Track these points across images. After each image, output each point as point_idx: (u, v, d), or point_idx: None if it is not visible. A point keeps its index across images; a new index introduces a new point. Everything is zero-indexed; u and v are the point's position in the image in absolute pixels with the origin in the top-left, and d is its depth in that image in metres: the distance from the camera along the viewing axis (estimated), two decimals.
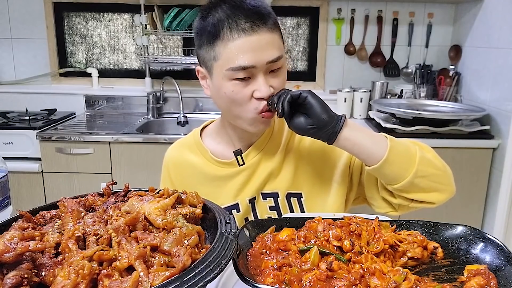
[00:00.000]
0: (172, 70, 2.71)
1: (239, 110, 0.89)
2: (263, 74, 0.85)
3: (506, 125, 2.03)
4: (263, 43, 0.84)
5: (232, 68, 0.84)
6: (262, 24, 0.84)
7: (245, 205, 1.00)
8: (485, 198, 2.15)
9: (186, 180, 1.04)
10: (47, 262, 0.52)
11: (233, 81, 0.85)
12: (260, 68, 0.85)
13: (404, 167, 0.82)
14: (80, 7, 2.63)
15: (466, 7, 2.45)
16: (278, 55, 0.86)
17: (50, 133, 2.14)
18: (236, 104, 0.88)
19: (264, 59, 0.84)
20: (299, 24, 2.66)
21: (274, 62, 0.86)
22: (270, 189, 1.00)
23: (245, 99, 0.87)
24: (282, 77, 0.89)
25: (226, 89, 0.87)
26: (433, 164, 0.86)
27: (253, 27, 0.83)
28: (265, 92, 0.85)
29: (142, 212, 0.60)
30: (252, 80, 0.86)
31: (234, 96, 0.87)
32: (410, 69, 2.62)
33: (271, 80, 0.87)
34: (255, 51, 0.83)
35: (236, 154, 0.98)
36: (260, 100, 0.86)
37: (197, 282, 0.46)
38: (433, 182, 0.85)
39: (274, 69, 0.87)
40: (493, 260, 0.63)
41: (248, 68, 0.84)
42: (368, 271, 0.59)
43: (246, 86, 0.86)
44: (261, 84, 0.85)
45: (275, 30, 0.87)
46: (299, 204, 1.00)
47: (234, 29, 0.83)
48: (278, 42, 0.88)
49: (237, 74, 0.84)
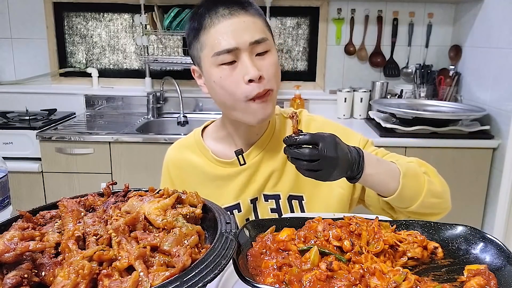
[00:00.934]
0: (172, 70, 2.71)
1: (231, 99, 0.88)
2: (249, 55, 0.86)
3: (506, 125, 2.03)
4: (243, 25, 0.86)
5: (217, 52, 0.85)
6: (241, 9, 0.86)
7: (246, 205, 1.00)
8: (485, 198, 2.15)
9: (187, 180, 1.03)
10: (47, 262, 0.52)
11: (220, 66, 0.86)
12: (244, 50, 0.85)
13: (411, 200, 0.87)
14: (80, 7, 2.63)
15: (466, 7, 2.45)
16: (262, 36, 0.86)
17: (50, 133, 2.14)
18: (227, 93, 0.88)
19: (247, 40, 0.85)
20: (299, 24, 2.66)
21: (258, 43, 0.86)
22: (272, 190, 1.00)
23: (234, 84, 0.86)
24: (270, 60, 0.89)
25: (215, 77, 0.88)
26: (437, 194, 0.90)
27: (232, 12, 0.86)
28: (253, 73, 0.84)
29: (142, 212, 0.60)
30: (238, 64, 0.86)
31: (223, 82, 0.87)
32: (410, 69, 2.62)
33: (259, 63, 0.87)
34: (236, 32, 0.85)
35: (237, 154, 0.98)
36: (250, 83, 0.86)
37: (197, 282, 0.46)
38: (433, 209, 0.91)
39: (261, 53, 0.87)
40: (493, 260, 0.63)
41: (232, 50, 0.85)
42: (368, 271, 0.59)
43: (233, 70, 0.86)
44: (248, 65, 0.85)
45: (256, 16, 0.88)
46: (300, 206, 1.00)
47: (213, 16, 0.86)
48: (261, 26, 0.88)
49: (223, 58, 0.85)
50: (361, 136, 1.03)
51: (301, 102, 2.51)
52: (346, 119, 2.54)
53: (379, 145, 1.08)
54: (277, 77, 0.91)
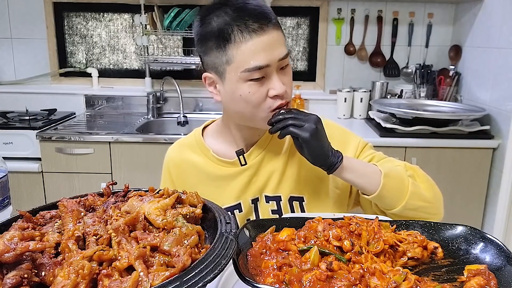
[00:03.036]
0: (172, 70, 2.71)
1: (255, 111, 0.89)
2: (276, 71, 0.87)
3: (506, 125, 2.03)
4: (272, 42, 0.86)
5: (248, 69, 0.84)
6: (268, 23, 0.85)
7: (247, 205, 1.00)
8: (485, 198, 2.15)
9: (188, 180, 1.03)
10: (47, 262, 0.52)
11: (249, 82, 0.86)
12: (273, 66, 0.86)
13: (394, 201, 0.89)
14: (80, 7, 2.63)
15: (466, 7, 2.45)
16: (287, 51, 0.89)
17: (50, 133, 2.14)
18: (251, 106, 0.88)
19: (276, 57, 0.86)
20: (299, 24, 2.66)
21: (284, 59, 0.88)
22: (273, 192, 1.00)
23: (261, 99, 0.88)
24: (290, 73, 0.92)
25: (242, 91, 0.87)
26: (423, 197, 0.91)
27: (262, 27, 0.84)
28: (280, 89, 0.87)
29: (142, 212, 0.60)
30: (266, 79, 0.87)
31: (250, 97, 0.87)
32: (410, 69, 2.62)
33: (283, 78, 0.89)
34: (267, 50, 0.85)
35: (238, 154, 0.98)
36: (275, 98, 0.88)
37: (197, 282, 0.46)
38: (421, 213, 0.91)
39: (283, 66, 0.89)
40: (493, 260, 0.63)
41: (263, 67, 0.85)
42: (368, 271, 0.59)
43: (261, 86, 0.87)
44: (275, 82, 0.87)
45: (279, 28, 0.89)
46: (301, 207, 1.00)
47: (244, 31, 0.84)
48: (284, 39, 0.90)
49: (253, 74, 0.85)
50: (361, 139, 1.04)
51: (301, 102, 2.51)
52: (346, 119, 2.54)
53: (379, 145, 1.08)
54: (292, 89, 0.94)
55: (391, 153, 1.03)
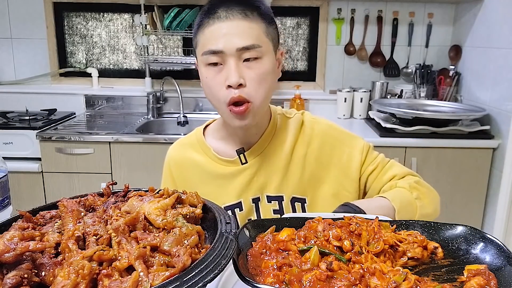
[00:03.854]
0: (172, 70, 2.71)
1: (215, 100, 0.90)
2: (235, 61, 0.85)
3: (506, 125, 2.03)
4: (235, 30, 0.85)
5: (204, 52, 0.87)
6: (240, 14, 0.86)
7: (248, 204, 1.00)
8: (485, 198, 2.15)
9: (189, 179, 1.03)
10: (47, 262, 0.52)
11: (208, 66, 0.88)
12: (230, 54, 0.85)
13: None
14: (80, 7, 2.63)
15: (466, 7, 2.45)
16: (252, 43, 0.85)
17: (50, 133, 2.14)
18: (211, 93, 0.90)
19: (234, 45, 0.84)
20: (299, 24, 2.66)
21: (247, 50, 0.85)
22: (275, 191, 0.99)
23: (217, 87, 0.87)
24: (258, 70, 0.87)
25: (202, 76, 0.90)
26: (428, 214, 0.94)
27: (228, 15, 0.86)
28: (232, 79, 0.84)
29: (142, 212, 0.59)
30: (224, 67, 0.86)
31: (208, 82, 0.89)
32: (410, 69, 2.62)
33: (245, 71, 0.86)
34: (225, 37, 0.85)
35: (238, 153, 0.98)
36: (229, 88, 0.86)
37: (197, 282, 0.46)
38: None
39: (250, 59, 0.86)
40: (493, 260, 0.63)
41: (217, 52, 0.85)
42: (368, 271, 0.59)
43: (218, 73, 0.87)
44: (229, 70, 0.85)
45: (258, 22, 0.87)
46: (303, 209, 1.00)
47: (211, 18, 0.87)
48: (258, 32, 0.87)
49: (209, 58, 0.87)
50: (364, 142, 1.04)
51: (301, 102, 2.51)
52: (346, 119, 2.54)
53: (379, 145, 1.09)
54: (263, 89, 0.88)
55: (391, 153, 1.03)
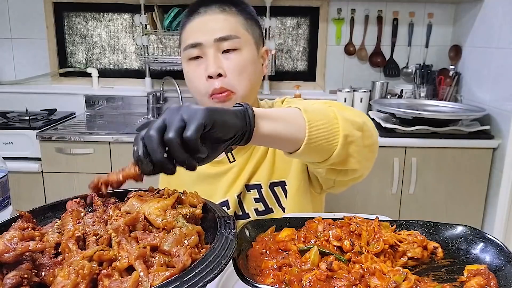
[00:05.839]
0: (172, 70, 2.71)
1: (197, 93, 0.92)
2: (214, 52, 0.88)
3: (506, 125, 2.03)
4: (212, 23, 0.88)
5: (185, 47, 0.89)
6: (217, 8, 0.89)
7: (233, 201, 1.00)
8: (485, 198, 2.15)
9: (183, 179, 1.05)
10: (47, 262, 0.52)
11: (189, 61, 0.90)
12: (208, 46, 0.87)
13: (329, 135, 0.69)
14: (80, 7, 2.63)
15: (466, 7, 2.45)
16: (228, 33, 0.87)
17: (50, 133, 2.14)
18: (193, 86, 0.91)
19: (211, 36, 0.87)
20: (299, 24, 2.66)
21: (224, 40, 0.87)
22: (252, 181, 1.01)
23: (198, 80, 0.89)
24: (236, 60, 0.88)
25: (185, 71, 0.92)
26: (357, 124, 0.73)
27: (207, 11, 0.89)
28: (211, 69, 0.86)
29: (142, 212, 0.59)
30: (204, 59, 0.89)
31: (190, 76, 0.91)
32: (410, 69, 2.62)
33: (223, 61, 0.88)
34: (203, 30, 0.88)
35: (226, 152, 0.98)
36: (210, 79, 0.87)
37: (197, 282, 0.46)
38: (362, 148, 0.75)
39: (229, 51, 0.88)
40: (493, 260, 0.63)
41: (196, 45, 0.87)
42: (368, 271, 0.59)
43: (199, 66, 0.89)
44: (208, 61, 0.87)
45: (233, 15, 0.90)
46: (284, 191, 1.00)
47: (191, 15, 0.90)
48: (235, 24, 0.89)
49: (190, 52, 0.89)
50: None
51: None
52: None
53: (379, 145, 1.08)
54: (245, 80, 0.88)
55: (391, 153, 1.02)
